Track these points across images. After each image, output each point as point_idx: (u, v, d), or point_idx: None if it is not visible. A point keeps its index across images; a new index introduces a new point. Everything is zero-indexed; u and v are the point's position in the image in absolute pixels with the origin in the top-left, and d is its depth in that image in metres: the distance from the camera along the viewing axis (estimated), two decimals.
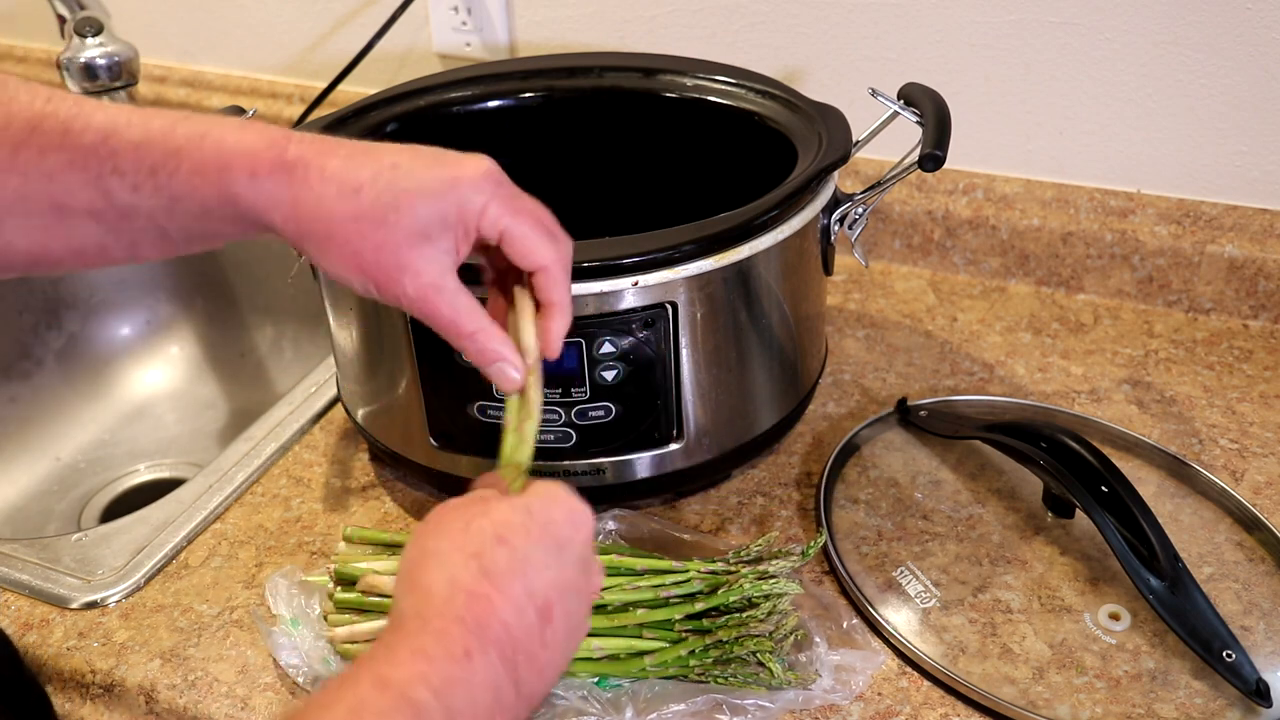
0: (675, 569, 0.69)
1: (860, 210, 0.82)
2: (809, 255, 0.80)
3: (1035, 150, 1.05)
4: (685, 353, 0.74)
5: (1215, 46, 0.95)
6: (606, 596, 0.67)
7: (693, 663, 0.66)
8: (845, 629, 0.71)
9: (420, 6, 1.19)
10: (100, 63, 1.13)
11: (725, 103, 0.90)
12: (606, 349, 0.72)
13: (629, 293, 0.70)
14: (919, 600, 0.73)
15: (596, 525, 0.59)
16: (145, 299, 1.24)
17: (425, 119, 0.91)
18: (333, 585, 0.71)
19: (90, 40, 1.12)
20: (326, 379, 0.97)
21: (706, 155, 0.92)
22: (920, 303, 1.05)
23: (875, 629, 0.72)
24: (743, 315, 0.76)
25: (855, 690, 0.67)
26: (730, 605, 0.67)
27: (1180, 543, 0.72)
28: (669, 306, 0.72)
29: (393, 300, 0.55)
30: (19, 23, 1.48)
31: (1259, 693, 0.64)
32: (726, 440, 0.79)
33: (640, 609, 0.67)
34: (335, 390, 0.94)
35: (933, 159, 0.73)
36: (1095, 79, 0.99)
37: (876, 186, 0.81)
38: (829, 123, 0.82)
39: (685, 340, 0.73)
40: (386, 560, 0.71)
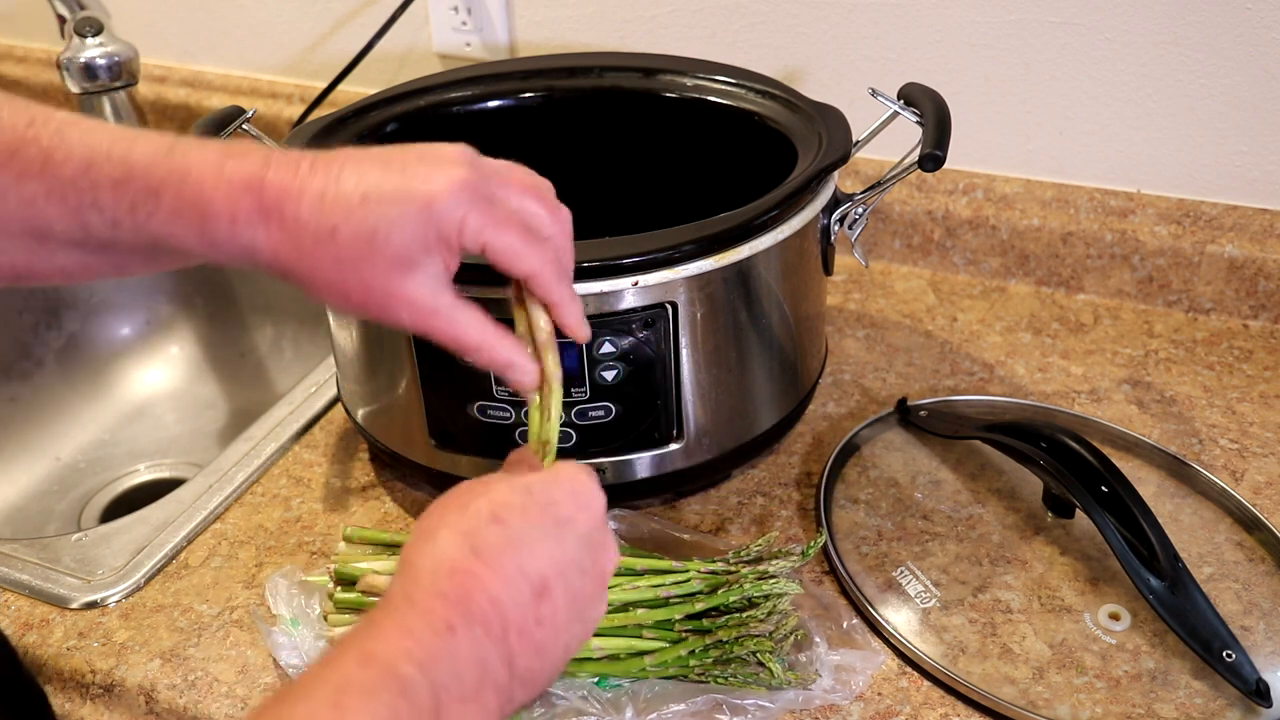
0: (675, 569, 0.69)
1: (860, 210, 0.82)
2: (809, 255, 0.80)
3: (1035, 150, 1.05)
4: (685, 353, 0.74)
5: (1215, 46, 0.95)
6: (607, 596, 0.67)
7: (693, 663, 0.66)
8: (845, 629, 0.71)
9: (420, 6, 1.19)
10: (100, 63, 1.13)
11: (725, 103, 0.90)
12: (606, 349, 0.72)
13: (629, 293, 0.70)
14: (919, 600, 0.73)
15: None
16: (145, 299, 1.23)
17: (425, 119, 0.91)
18: (333, 585, 0.71)
19: (90, 40, 1.12)
20: (326, 379, 0.97)
21: (706, 155, 0.92)
22: (920, 303, 1.05)
23: (875, 629, 0.72)
24: (743, 315, 0.76)
25: (855, 690, 0.67)
26: (730, 605, 0.67)
27: (1180, 543, 0.72)
28: (669, 306, 0.72)
29: (393, 327, 0.55)
30: (19, 23, 1.48)
31: (1259, 693, 0.64)
32: (726, 440, 0.79)
33: (640, 609, 0.67)
34: (335, 390, 0.94)
35: (933, 159, 0.73)
36: (1095, 79, 0.99)
37: (876, 186, 0.81)
38: (829, 123, 0.82)
39: (685, 340, 0.73)
40: (386, 560, 0.70)
